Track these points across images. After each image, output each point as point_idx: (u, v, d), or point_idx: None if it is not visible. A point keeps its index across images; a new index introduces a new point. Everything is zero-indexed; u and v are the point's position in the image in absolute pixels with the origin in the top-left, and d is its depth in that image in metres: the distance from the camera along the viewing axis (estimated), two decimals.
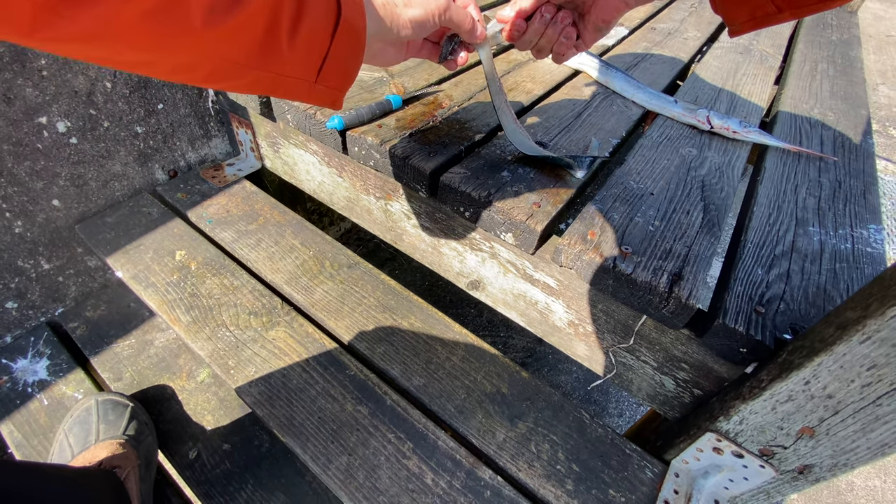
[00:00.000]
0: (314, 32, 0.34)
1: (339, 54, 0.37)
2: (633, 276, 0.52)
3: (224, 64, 0.32)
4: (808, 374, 0.41)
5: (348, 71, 0.40)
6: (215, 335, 0.69)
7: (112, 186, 0.88)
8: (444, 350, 0.69)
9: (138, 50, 0.28)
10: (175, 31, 0.28)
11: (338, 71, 0.38)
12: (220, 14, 0.29)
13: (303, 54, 0.35)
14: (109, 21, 0.25)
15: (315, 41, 0.35)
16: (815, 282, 0.54)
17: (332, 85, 0.39)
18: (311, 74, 0.37)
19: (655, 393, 0.63)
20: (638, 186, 0.65)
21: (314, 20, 0.34)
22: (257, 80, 0.35)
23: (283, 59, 0.34)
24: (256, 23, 0.31)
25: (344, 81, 0.40)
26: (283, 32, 0.33)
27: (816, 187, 0.70)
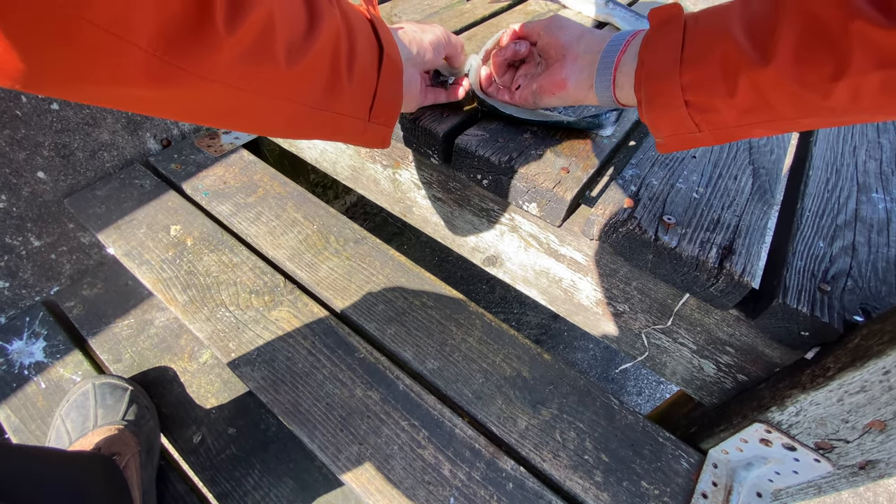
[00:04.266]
0: (365, 69, 0.36)
1: (386, 88, 0.39)
2: (678, 251, 0.46)
3: (299, 105, 0.33)
4: (890, 362, 0.35)
5: (394, 105, 0.41)
6: (214, 315, 0.65)
7: (101, 157, 0.82)
8: (459, 331, 0.64)
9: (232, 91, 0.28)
10: (266, 70, 0.29)
11: (386, 105, 0.40)
12: (297, 52, 0.30)
13: (359, 90, 0.36)
14: (214, 64, 0.26)
15: (366, 77, 0.37)
16: (884, 255, 0.48)
17: (382, 121, 0.40)
18: (365, 112, 0.38)
19: (692, 377, 0.57)
20: None
21: (364, 56, 0.36)
22: (324, 122, 0.36)
23: (345, 97, 0.35)
24: (324, 59, 0.32)
25: (391, 117, 0.41)
26: (343, 69, 0.34)
27: (877, 149, 0.62)
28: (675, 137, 0.39)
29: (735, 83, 0.33)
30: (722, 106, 0.35)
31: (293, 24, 0.30)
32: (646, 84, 0.39)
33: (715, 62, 0.34)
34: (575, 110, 0.62)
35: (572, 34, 0.48)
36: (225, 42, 0.26)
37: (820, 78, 0.29)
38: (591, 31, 0.47)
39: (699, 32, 0.36)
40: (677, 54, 0.36)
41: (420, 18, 0.81)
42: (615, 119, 0.58)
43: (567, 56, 0.47)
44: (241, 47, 0.27)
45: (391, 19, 0.81)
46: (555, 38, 0.48)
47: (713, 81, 0.34)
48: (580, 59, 0.46)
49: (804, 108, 0.31)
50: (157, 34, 0.23)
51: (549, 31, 0.49)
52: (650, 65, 0.38)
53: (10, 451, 0.49)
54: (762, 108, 0.33)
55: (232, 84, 0.28)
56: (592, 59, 0.44)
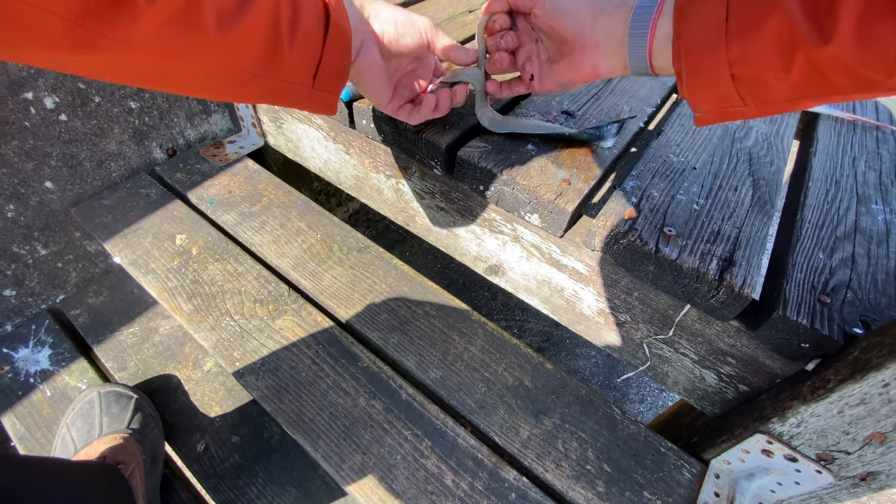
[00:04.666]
0: (309, 36, 0.35)
1: (332, 56, 0.38)
2: (679, 262, 0.46)
3: (234, 72, 0.33)
4: (889, 375, 0.36)
5: (340, 74, 0.40)
6: (219, 325, 0.65)
7: (107, 167, 0.83)
8: (461, 340, 0.65)
9: (157, 58, 0.29)
10: (193, 37, 0.29)
11: (331, 74, 0.39)
12: (230, 18, 0.30)
13: (301, 58, 0.36)
14: (135, 31, 0.27)
15: (310, 44, 0.36)
16: (883, 267, 0.48)
17: (327, 88, 0.40)
18: (309, 79, 0.38)
19: (694, 387, 0.58)
20: (678, 160, 0.58)
21: (308, 23, 0.35)
22: (263, 88, 0.36)
23: (286, 64, 0.35)
24: (261, 26, 0.32)
25: (337, 84, 0.40)
26: (283, 36, 0.33)
27: (876, 160, 0.63)
28: (718, 111, 0.37)
29: (791, 59, 0.31)
30: (774, 81, 0.32)
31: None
32: (686, 58, 0.36)
33: (768, 36, 0.31)
34: (577, 122, 0.63)
35: (580, 19, 0.42)
36: (146, 11, 0.26)
37: (885, 58, 0.27)
38: (600, 5, 0.42)
39: (746, 1, 0.33)
40: (721, 25, 0.33)
41: None
42: (616, 131, 0.59)
43: (586, 45, 0.42)
44: (162, 16, 0.27)
45: None
46: (561, 28, 0.43)
47: (766, 57, 0.32)
48: (603, 44, 0.42)
49: (864, 84, 0.29)
50: (76, 3, 0.24)
51: (548, 17, 0.44)
52: (690, 37, 0.35)
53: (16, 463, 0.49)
54: (817, 83, 0.31)
55: (157, 52, 0.28)
56: (619, 40, 0.40)
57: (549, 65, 0.47)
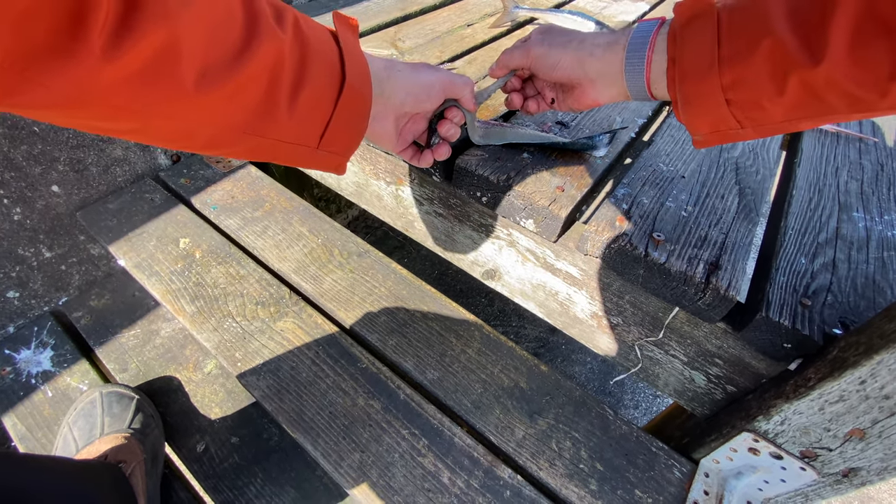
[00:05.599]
0: (317, 99, 0.34)
1: (343, 121, 0.36)
2: (667, 266, 0.48)
3: (220, 130, 0.31)
4: (865, 372, 0.38)
5: (353, 137, 0.39)
6: (221, 326, 0.67)
7: (113, 172, 0.85)
8: (458, 342, 0.66)
9: (124, 117, 0.27)
10: (164, 96, 0.27)
11: (342, 137, 0.38)
12: (215, 78, 0.28)
13: (304, 121, 0.34)
14: (88, 86, 0.24)
15: (317, 108, 0.34)
16: (863, 271, 0.50)
17: (336, 150, 0.38)
18: (313, 141, 0.36)
19: (684, 389, 0.59)
20: (668, 169, 0.60)
21: (316, 87, 0.33)
22: (257, 146, 0.34)
23: (282, 125, 0.33)
24: (254, 88, 0.30)
25: (348, 147, 0.39)
26: (282, 99, 0.32)
27: (858, 170, 0.65)
28: (716, 134, 0.38)
29: (784, 82, 0.31)
30: (769, 104, 0.33)
31: (215, 48, 0.28)
32: (681, 85, 0.37)
33: (760, 61, 0.32)
34: (570, 132, 0.65)
35: (566, 68, 0.45)
36: (106, 66, 0.24)
37: (877, 78, 0.27)
38: (586, 50, 0.44)
39: (737, 27, 0.33)
40: (714, 52, 0.34)
41: (423, 42, 0.85)
42: (608, 141, 0.61)
43: (582, 84, 0.45)
44: (127, 71, 0.25)
45: (396, 43, 0.84)
46: (555, 77, 0.46)
47: (759, 81, 0.32)
48: (598, 81, 0.44)
49: (859, 104, 0.30)
50: (14, 50, 0.22)
51: (540, 70, 0.47)
52: (684, 65, 0.36)
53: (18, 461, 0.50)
54: (812, 104, 0.31)
55: (121, 106, 0.26)
56: (616, 77, 0.42)
57: (562, 94, 0.50)
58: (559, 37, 0.46)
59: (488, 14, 0.98)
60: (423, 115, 0.49)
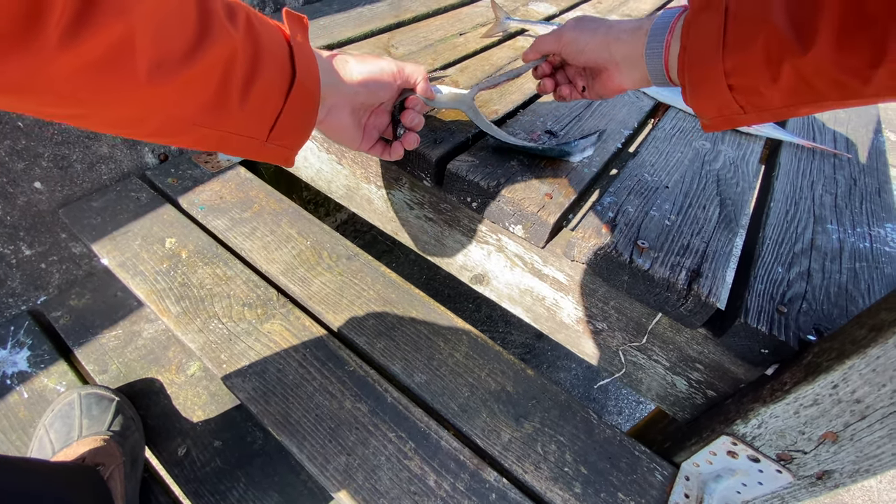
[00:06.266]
0: (267, 93, 0.35)
1: (293, 115, 0.38)
2: (651, 272, 0.49)
3: (170, 120, 0.32)
4: (837, 377, 0.39)
5: (301, 131, 0.40)
6: (207, 327, 0.66)
7: (98, 169, 0.83)
8: (446, 346, 0.67)
9: (73, 104, 0.27)
10: (117, 85, 0.27)
11: (291, 131, 0.39)
12: (169, 69, 0.29)
13: (254, 114, 0.35)
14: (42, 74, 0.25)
15: (268, 102, 0.36)
16: (836, 281, 0.52)
17: (285, 144, 0.40)
18: (263, 133, 0.37)
19: (666, 393, 0.61)
20: (652, 179, 0.62)
21: (268, 81, 0.35)
22: (205, 136, 0.35)
23: (233, 118, 0.34)
24: (207, 81, 0.31)
25: (297, 141, 0.41)
26: (234, 92, 0.33)
27: (832, 184, 0.68)
28: (721, 118, 0.40)
29: (778, 70, 0.33)
30: (766, 90, 0.35)
31: (169, 42, 0.28)
32: (689, 70, 0.39)
33: (758, 49, 0.34)
34: (558, 141, 0.66)
35: (595, 50, 0.48)
36: (60, 56, 0.25)
37: (859, 66, 0.30)
38: (613, 35, 0.47)
39: (741, 16, 0.35)
40: (719, 39, 0.36)
41: (416, 50, 0.86)
42: (583, 147, 0.62)
43: (609, 67, 0.48)
44: (82, 61, 0.26)
45: (389, 49, 0.85)
46: (584, 60, 0.49)
47: (757, 67, 0.34)
48: (622, 65, 0.47)
49: (847, 91, 0.32)
50: None
51: (570, 54, 0.50)
52: (692, 50, 0.39)
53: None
54: (806, 91, 0.34)
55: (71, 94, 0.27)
56: (638, 60, 0.45)
57: (591, 80, 0.53)
58: (590, 23, 0.49)
59: (480, 24, 1.00)
60: (383, 107, 0.51)
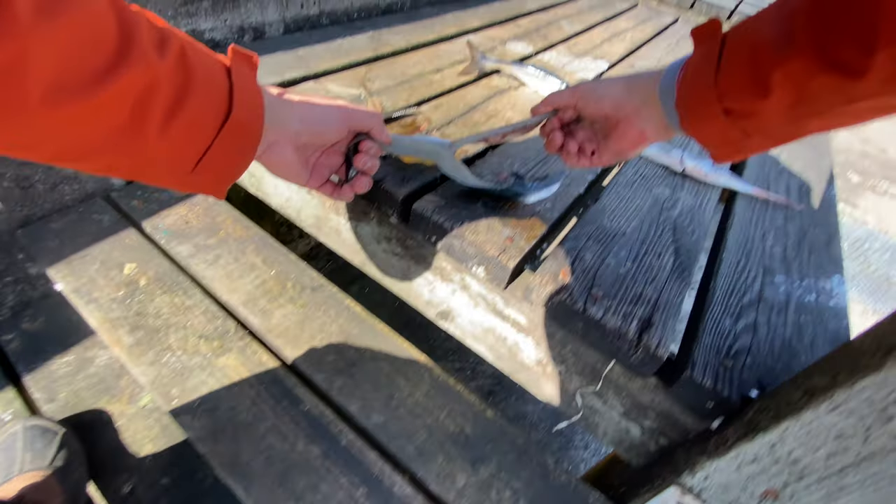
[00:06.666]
0: (195, 125, 0.33)
1: (225, 149, 0.36)
2: (603, 322, 0.50)
3: (73, 146, 0.30)
4: (775, 437, 0.40)
5: (234, 166, 0.39)
6: (159, 360, 0.64)
7: (61, 189, 0.82)
8: (407, 385, 0.66)
9: None
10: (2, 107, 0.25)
11: (222, 165, 0.37)
12: (68, 96, 0.27)
13: (178, 145, 0.33)
14: None
15: (196, 134, 0.34)
16: (780, 335, 0.54)
17: (215, 178, 0.38)
18: (188, 165, 0.35)
19: (621, 439, 0.61)
20: (612, 225, 0.64)
21: (196, 113, 0.33)
22: (115, 163, 0.33)
23: (150, 147, 0.32)
24: (118, 107, 0.29)
25: (228, 175, 0.39)
26: (152, 121, 0.31)
27: (783, 235, 0.71)
28: (727, 147, 0.38)
29: (767, 82, 0.32)
30: (761, 109, 0.34)
31: (73, 67, 0.27)
32: (686, 99, 0.39)
33: (744, 64, 0.33)
34: (517, 180, 0.68)
35: (615, 96, 0.46)
36: None
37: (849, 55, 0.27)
38: (633, 80, 0.46)
39: (733, 42, 0.35)
40: (713, 65, 0.35)
41: (392, 85, 0.88)
42: (538, 189, 0.64)
43: (628, 114, 0.46)
44: None
45: (365, 83, 0.87)
46: (601, 108, 0.47)
47: (745, 85, 0.33)
48: (642, 109, 0.45)
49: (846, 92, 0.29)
50: None
51: (588, 103, 0.49)
52: (688, 78, 0.38)
53: None
54: (803, 102, 0.32)
55: None
56: (655, 103, 0.43)
57: (604, 141, 0.50)
58: (608, 79, 0.49)
59: (458, 61, 1.03)
60: (336, 148, 0.50)
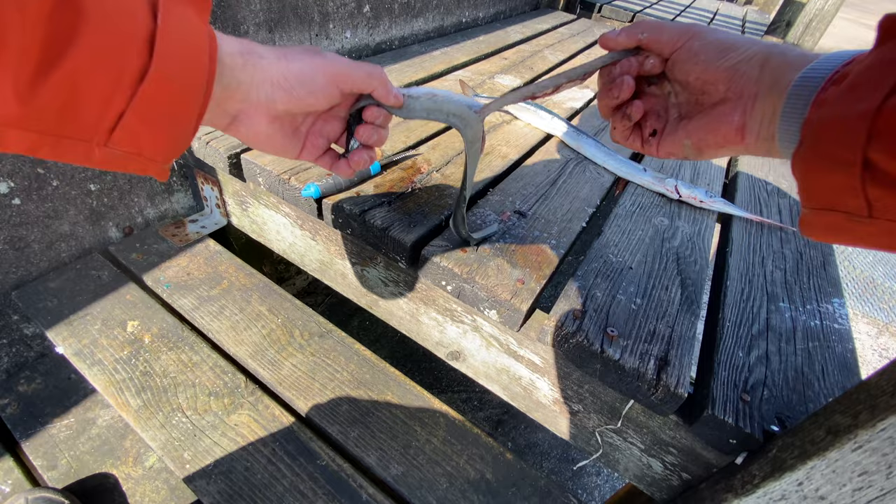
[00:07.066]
0: (88, 80, 0.25)
1: (148, 116, 0.27)
2: (622, 363, 0.51)
3: None
4: (802, 475, 0.41)
5: (169, 138, 0.29)
6: (169, 422, 0.62)
7: (58, 248, 0.80)
8: (423, 431, 0.65)
9: None
10: None
11: (149, 137, 0.28)
12: None
13: (65, 108, 0.25)
14: None
15: (92, 95, 0.25)
16: (792, 364, 0.55)
17: (140, 153, 0.29)
18: (88, 135, 0.27)
19: (643, 474, 0.61)
20: (617, 260, 0.65)
21: (87, 66, 0.24)
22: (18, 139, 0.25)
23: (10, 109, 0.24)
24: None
25: (162, 150, 0.30)
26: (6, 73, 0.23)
27: (781, 259, 0.73)
28: (830, 215, 0.25)
29: None
30: None
31: None
32: (822, 121, 0.25)
33: None
34: (528, 221, 0.69)
35: (744, 59, 0.32)
36: None
37: None
38: (770, 52, 0.31)
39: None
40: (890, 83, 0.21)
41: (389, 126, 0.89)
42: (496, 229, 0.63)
43: (745, 99, 0.32)
44: None
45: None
46: (710, 71, 0.33)
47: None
48: (765, 99, 0.31)
49: None
50: None
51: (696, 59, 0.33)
52: (841, 90, 0.25)
53: None
54: None
55: None
56: (778, 99, 0.30)
57: (677, 122, 0.36)
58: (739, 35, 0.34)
59: None
60: (333, 113, 0.41)
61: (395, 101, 0.40)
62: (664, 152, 0.38)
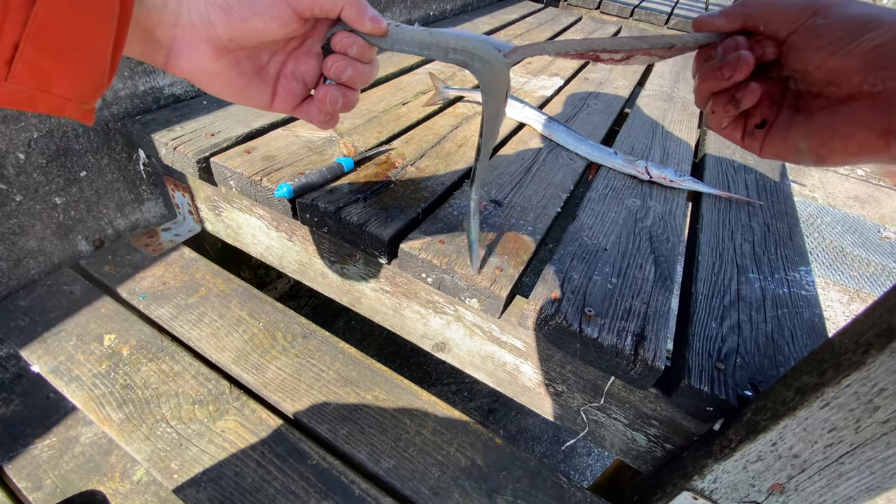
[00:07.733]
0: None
1: (49, 46, 0.24)
2: (600, 341, 0.52)
3: None
4: (775, 436, 0.42)
5: (85, 71, 0.26)
6: (154, 433, 0.62)
7: (26, 265, 0.78)
8: (412, 423, 0.66)
9: None
10: None
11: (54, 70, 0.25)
12: None
13: None
14: None
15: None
16: (762, 331, 0.57)
17: (51, 90, 0.25)
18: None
19: (628, 448, 0.63)
20: (592, 242, 0.66)
21: None
22: None
23: None
24: None
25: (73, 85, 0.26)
26: None
27: (749, 232, 0.75)
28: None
29: None
30: None
31: None
32: None
33: None
34: (504, 210, 0.70)
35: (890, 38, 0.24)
36: None
37: None
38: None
39: None
40: None
41: (361, 123, 0.88)
42: None
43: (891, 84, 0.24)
44: None
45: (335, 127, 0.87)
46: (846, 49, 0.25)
47: None
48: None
49: None
50: None
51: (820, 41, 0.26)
52: None
53: None
54: None
55: None
56: None
57: (791, 115, 0.29)
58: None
59: (421, 92, 1.05)
60: (305, 48, 0.35)
61: (373, 26, 0.32)
62: (770, 153, 0.30)
